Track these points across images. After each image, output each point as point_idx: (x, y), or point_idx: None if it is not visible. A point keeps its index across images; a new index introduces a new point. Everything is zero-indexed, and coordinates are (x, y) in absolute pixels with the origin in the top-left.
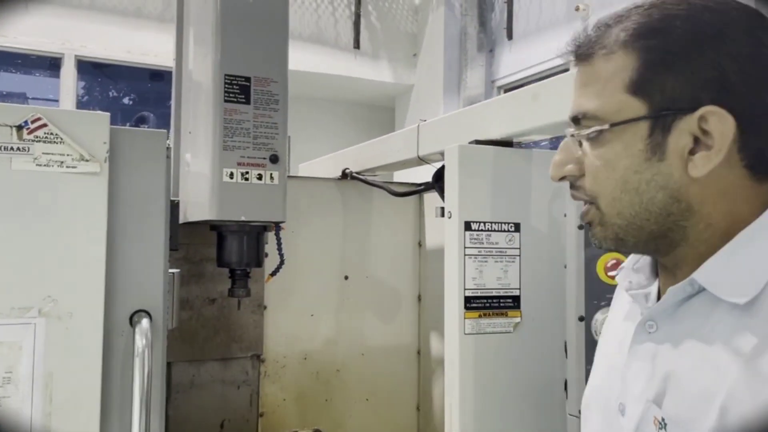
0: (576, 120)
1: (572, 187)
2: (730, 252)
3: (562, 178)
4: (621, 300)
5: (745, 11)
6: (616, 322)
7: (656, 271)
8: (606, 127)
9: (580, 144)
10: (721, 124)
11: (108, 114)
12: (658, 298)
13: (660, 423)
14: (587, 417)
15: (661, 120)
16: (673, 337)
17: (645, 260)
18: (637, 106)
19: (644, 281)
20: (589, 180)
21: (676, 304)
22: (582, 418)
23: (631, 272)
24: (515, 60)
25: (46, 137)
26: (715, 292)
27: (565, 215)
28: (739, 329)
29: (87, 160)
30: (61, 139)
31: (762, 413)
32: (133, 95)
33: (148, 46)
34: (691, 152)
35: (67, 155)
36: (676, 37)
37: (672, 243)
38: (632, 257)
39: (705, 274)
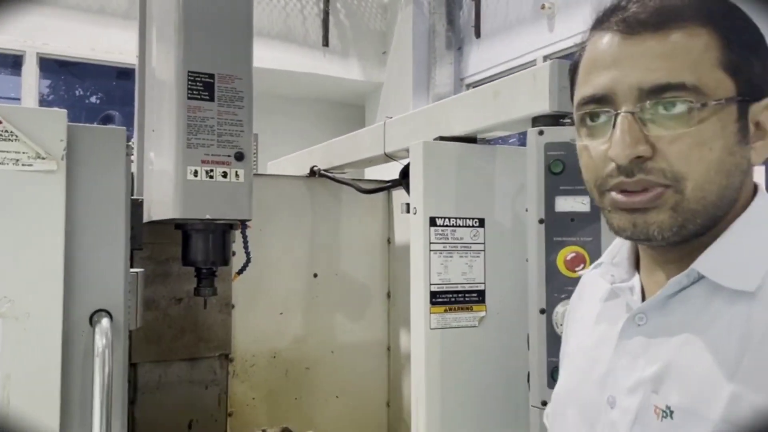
0: (654, 91)
1: (641, 169)
2: (730, 241)
3: (635, 159)
4: (588, 300)
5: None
6: (587, 323)
7: (635, 265)
8: (718, 101)
9: (645, 122)
10: None
11: (65, 111)
12: (641, 291)
13: (664, 411)
14: (563, 419)
15: (745, 103)
16: (667, 328)
17: (623, 254)
18: (730, 86)
19: (625, 275)
20: (676, 159)
21: (668, 295)
22: (556, 415)
23: (611, 266)
24: (483, 58)
25: (1, 135)
26: (719, 280)
27: (526, 210)
28: (745, 317)
29: (43, 158)
30: (17, 136)
31: None
32: (100, 94)
33: (112, 44)
34: (750, 139)
35: (23, 153)
36: (753, 24)
37: (704, 231)
38: (609, 252)
39: (707, 263)
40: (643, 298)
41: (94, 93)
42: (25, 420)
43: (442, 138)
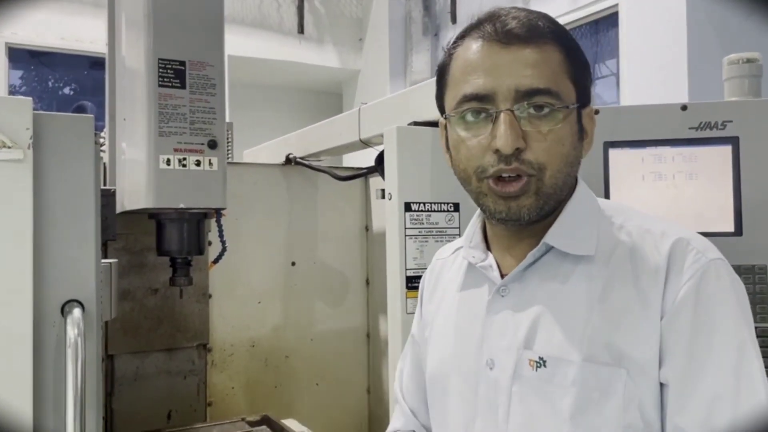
0: (528, 94)
1: (517, 159)
2: (567, 218)
3: (515, 150)
4: (448, 281)
5: None
6: (449, 302)
7: (486, 246)
8: (570, 106)
9: (519, 119)
10: (593, 120)
11: (30, 99)
12: (499, 267)
13: (537, 363)
14: (443, 386)
15: (581, 109)
16: (527, 294)
17: (477, 239)
18: (573, 94)
19: (482, 255)
20: (540, 152)
21: (525, 267)
22: (435, 387)
23: (470, 250)
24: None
25: None
26: (565, 249)
27: None
28: (588, 275)
29: (9, 147)
30: None
31: (621, 337)
32: (73, 85)
33: (82, 33)
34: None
35: None
36: (578, 45)
37: (552, 212)
38: (466, 236)
39: (554, 236)
40: (500, 274)
41: (67, 84)
42: None
43: (416, 123)
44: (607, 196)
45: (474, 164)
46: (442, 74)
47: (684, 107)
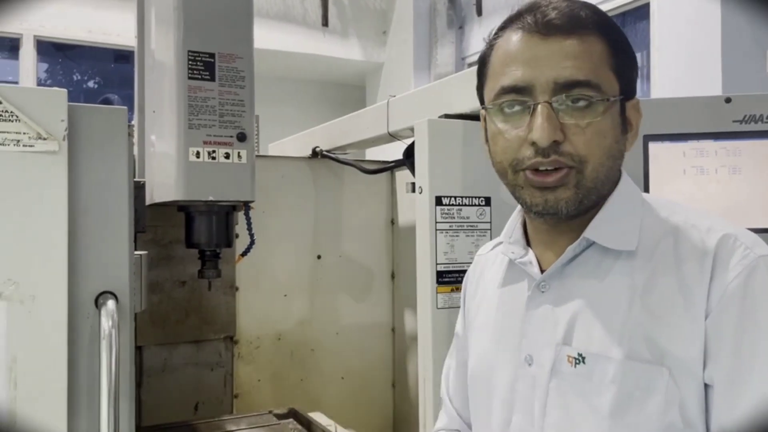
0: (567, 86)
1: (555, 151)
2: (609, 213)
3: (552, 143)
4: (490, 278)
5: None
6: (491, 299)
7: (527, 242)
8: (611, 98)
9: (558, 112)
10: (638, 112)
11: (65, 90)
12: (539, 263)
13: (576, 359)
14: (486, 379)
15: (624, 101)
16: (567, 289)
17: (517, 235)
18: (617, 86)
19: (522, 251)
20: (580, 145)
21: (565, 262)
22: (475, 384)
23: (509, 246)
24: (485, 36)
25: (1, 115)
26: (606, 244)
27: None
28: (629, 271)
29: (45, 139)
30: (17, 117)
31: (663, 334)
32: (98, 78)
33: (109, 26)
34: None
35: (24, 133)
36: (627, 38)
37: (593, 207)
38: (506, 232)
39: (595, 231)
40: (540, 270)
41: (91, 77)
42: (32, 403)
43: (446, 116)
44: (646, 190)
45: (510, 156)
46: (482, 65)
47: (728, 100)
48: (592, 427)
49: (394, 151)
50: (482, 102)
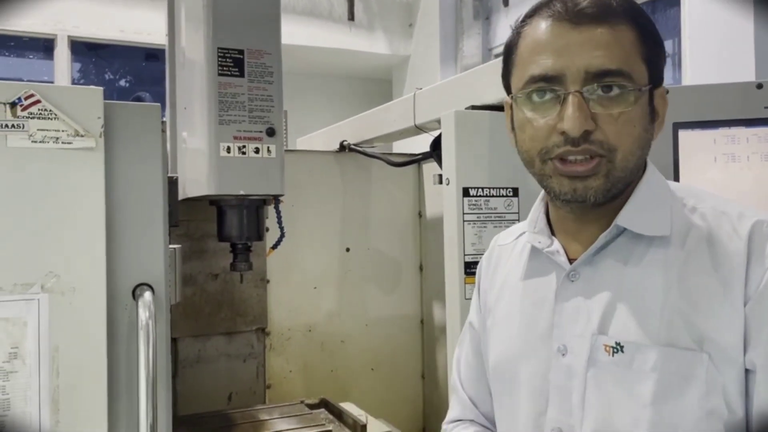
0: (598, 75)
1: (585, 140)
2: (640, 200)
3: (583, 132)
4: (508, 269)
5: None
6: (512, 290)
7: (551, 231)
8: (642, 88)
9: (588, 101)
10: (665, 101)
11: (101, 88)
12: (565, 251)
13: (614, 348)
14: (513, 376)
15: (653, 90)
16: (599, 278)
17: (541, 224)
18: (646, 75)
19: (547, 240)
20: (612, 135)
21: (596, 250)
22: (500, 376)
23: (535, 235)
24: (512, 23)
25: (40, 113)
26: (640, 230)
27: None
28: (664, 257)
29: (82, 136)
30: (56, 115)
31: (702, 320)
32: (129, 77)
33: (141, 25)
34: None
35: (62, 131)
36: (655, 26)
37: (620, 195)
38: (530, 221)
39: (627, 218)
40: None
41: (123, 76)
42: (73, 391)
43: (473, 107)
44: (676, 178)
45: (539, 145)
46: (509, 53)
47: (760, 85)
48: (633, 416)
49: (421, 144)
50: (508, 90)
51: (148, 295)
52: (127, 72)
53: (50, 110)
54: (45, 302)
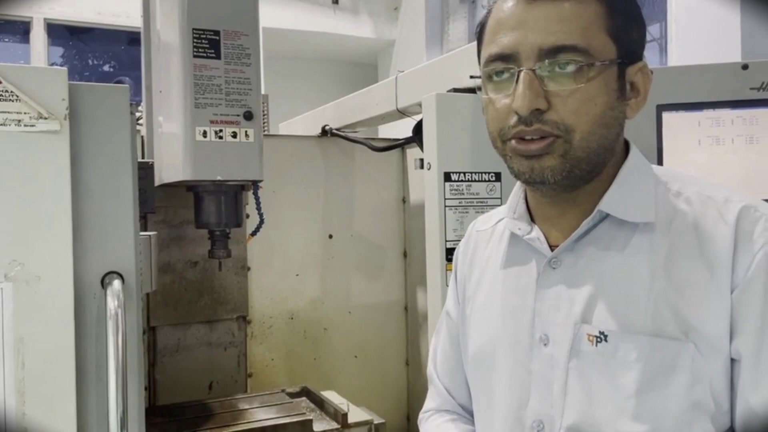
0: (552, 52)
1: (538, 120)
2: (622, 185)
3: (534, 111)
4: (486, 256)
5: None
6: (491, 277)
7: (530, 217)
8: (601, 62)
9: (542, 79)
10: (646, 77)
11: (65, 69)
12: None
13: (597, 337)
14: (490, 363)
15: (623, 65)
16: (582, 265)
17: (521, 210)
18: (613, 49)
19: (526, 227)
20: (566, 113)
21: (578, 237)
22: (480, 366)
23: (515, 221)
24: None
25: (1, 95)
26: (624, 216)
27: None
28: (648, 244)
29: (46, 118)
30: (17, 96)
31: (688, 309)
32: (112, 62)
33: (118, 8)
34: (626, 97)
35: (25, 113)
36: None
37: (591, 177)
38: (509, 207)
39: (610, 204)
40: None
41: (107, 61)
42: (40, 382)
43: (455, 90)
44: (660, 162)
45: (498, 126)
46: (479, 33)
47: (745, 66)
48: (617, 407)
49: (406, 129)
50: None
51: (117, 283)
52: (111, 57)
53: (11, 92)
54: (9, 292)
